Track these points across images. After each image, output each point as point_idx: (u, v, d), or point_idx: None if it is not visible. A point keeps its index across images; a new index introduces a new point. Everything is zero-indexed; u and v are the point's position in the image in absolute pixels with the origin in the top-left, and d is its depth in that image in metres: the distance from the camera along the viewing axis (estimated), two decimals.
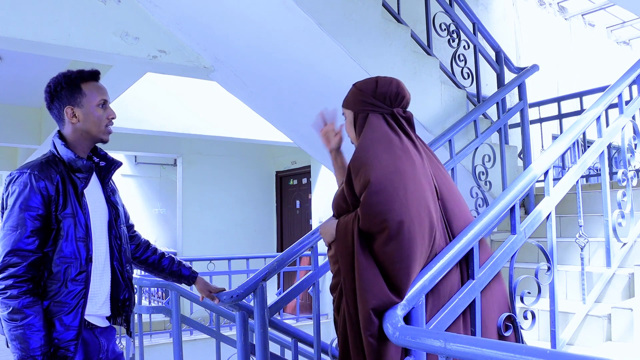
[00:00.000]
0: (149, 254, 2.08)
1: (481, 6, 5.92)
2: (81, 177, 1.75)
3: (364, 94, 1.79)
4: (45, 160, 1.72)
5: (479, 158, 3.20)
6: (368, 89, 1.80)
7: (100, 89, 1.81)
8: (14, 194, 1.64)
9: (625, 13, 7.68)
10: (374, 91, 1.78)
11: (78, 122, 1.77)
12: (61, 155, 1.75)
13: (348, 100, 1.85)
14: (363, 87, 1.81)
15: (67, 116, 1.77)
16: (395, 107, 1.80)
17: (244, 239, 8.98)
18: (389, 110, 1.78)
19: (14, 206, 1.62)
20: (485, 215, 1.87)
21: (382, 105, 1.78)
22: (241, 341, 2.21)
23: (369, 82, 1.83)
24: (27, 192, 1.63)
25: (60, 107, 1.78)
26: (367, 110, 1.78)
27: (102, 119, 1.79)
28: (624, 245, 2.74)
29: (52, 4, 3.10)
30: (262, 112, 4.18)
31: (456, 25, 3.41)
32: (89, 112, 1.77)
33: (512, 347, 1.17)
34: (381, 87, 1.79)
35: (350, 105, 1.83)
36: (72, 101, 1.76)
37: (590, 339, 2.41)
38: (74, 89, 1.77)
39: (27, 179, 1.64)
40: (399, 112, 1.80)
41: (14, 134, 7.24)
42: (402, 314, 1.45)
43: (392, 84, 1.80)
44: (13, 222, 1.61)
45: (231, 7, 2.87)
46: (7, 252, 1.59)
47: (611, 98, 2.68)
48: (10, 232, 1.61)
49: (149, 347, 5.24)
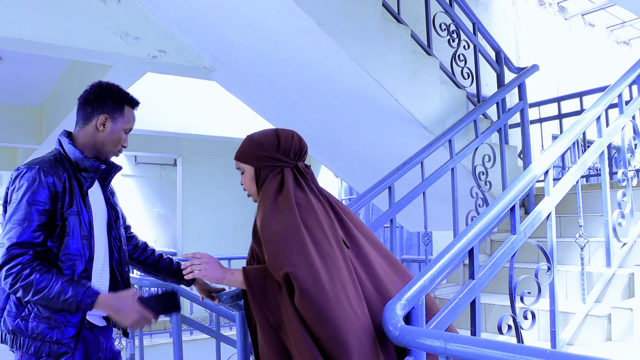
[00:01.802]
0: (147, 255, 2.09)
1: (481, 6, 5.92)
2: (86, 177, 1.78)
3: (266, 148, 1.69)
4: (53, 158, 1.75)
5: (479, 158, 3.20)
6: (270, 143, 1.69)
7: (134, 119, 1.91)
8: (22, 188, 1.65)
9: (625, 13, 7.68)
10: (277, 146, 1.69)
11: (102, 132, 1.82)
12: (68, 154, 1.78)
13: (246, 154, 1.73)
14: (264, 142, 1.70)
15: (98, 122, 1.82)
16: (298, 160, 1.72)
17: (244, 239, 8.95)
18: (292, 164, 1.70)
19: (22, 200, 1.63)
20: (485, 216, 1.87)
21: (286, 160, 1.69)
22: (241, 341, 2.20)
23: (269, 136, 1.71)
24: (35, 187, 1.64)
25: (96, 110, 1.83)
26: (270, 165, 1.69)
27: (120, 142, 1.86)
28: (624, 245, 2.74)
29: (52, 4, 3.10)
30: (262, 112, 4.19)
31: (456, 25, 3.41)
32: (116, 130, 1.84)
33: (512, 347, 1.17)
34: (284, 141, 1.70)
35: (249, 160, 1.72)
36: (111, 113, 1.83)
37: (590, 339, 2.41)
38: (119, 106, 1.85)
39: (36, 174, 1.66)
40: (302, 166, 1.72)
41: (14, 134, 7.24)
42: (402, 314, 1.45)
43: (294, 138, 1.72)
44: (20, 216, 1.62)
45: (231, 7, 2.87)
46: (13, 244, 1.60)
47: (611, 98, 2.68)
48: (17, 225, 1.62)
49: (149, 347, 5.24)
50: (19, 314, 1.66)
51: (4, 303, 1.68)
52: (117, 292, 1.76)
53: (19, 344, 1.66)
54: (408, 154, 2.83)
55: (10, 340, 1.66)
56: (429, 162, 2.83)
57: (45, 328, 1.65)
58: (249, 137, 1.75)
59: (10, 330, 1.66)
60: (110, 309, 1.68)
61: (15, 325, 1.65)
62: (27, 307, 1.66)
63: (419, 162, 2.76)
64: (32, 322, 1.65)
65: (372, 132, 3.57)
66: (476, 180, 3.14)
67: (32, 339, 1.65)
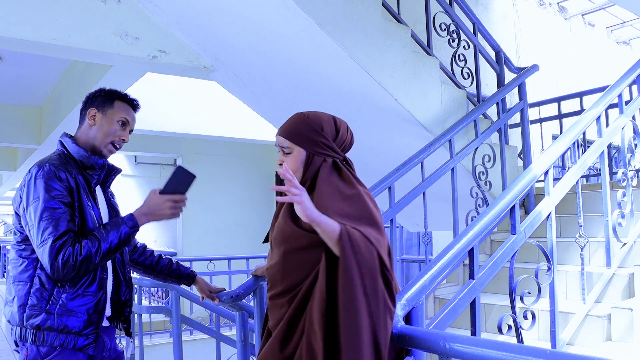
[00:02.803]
0: (146, 256, 2.09)
1: (481, 6, 5.92)
2: (92, 174, 1.81)
3: (325, 135, 1.53)
4: (57, 157, 1.77)
5: (479, 158, 3.20)
6: (329, 130, 1.54)
7: (128, 111, 1.89)
8: (41, 186, 1.66)
9: (625, 13, 7.68)
10: (336, 135, 1.55)
11: (94, 125, 1.83)
12: (72, 154, 1.80)
13: (301, 135, 1.53)
14: (325, 127, 1.53)
15: (88, 116, 1.84)
16: (345, 153, 1.60)
17: (244, 239, 8.98)
18: (341, 157, 1.57)
19: (46, 195, 1.65)
20: (485, 216, 1.87)
21: (338, 152, 1.55)
22: (241, 341, 2.20)
23: (329, 123, 1.55)
24: (53, 182, 1.67)
25: (88, 108, 1.85)
26: (324, 154, 1.53)
27: (114, 134, 1.84)
28: (624, 245, 2.74)
29: (52, 4, 3.10)
30: (262, 112, 4.19)
31: (456, 25, 3.41)
32: (107, 121, 1.83)
33: (512, 347, 1.17)
34: (342, 132, 1.56)
35: (303, 141, 1.53)
36: (99, 106, 1.85)
37: (590, 339, 2.41)
38: (108, 99, 1.86)
39: (49, 169, 1.68)
40: (349, 159, 1.60)
41: (14, 134, 7.24)
42: (402, 314, 1.45)
43: (349, 131, 1.60)
44: (51, 210, 1.64)
45: (231, 8, 2.87)
46: (56, 237, 1.61)
47: (611, 98, 2.68)
48: (53, 219, 1.63)
49: (149, 347, 5.24)
50: (43, 308, 1.67)
51: (25, 298, 1.68)
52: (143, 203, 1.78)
53: (42, 339, 1.66)
54: (408, 154, 2.83)
55: (32, 335, 1.66)
56: (429, 162, 2.83)
57: (71, 320, 1.68)
58: (305, 117, 1.56)
59: (35, 325, 1.66)
60: (148, 217, 1.75)
61: (41, 320, 1.66)
62: (50, 300, 1.67)
63: (419, 162, 2.76)
64: (58, 314, 1.67)
65: (372, 132, 3.57)
66: (476, 180, 3.13)
67: (58, 332, 1.67)
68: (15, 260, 1.73)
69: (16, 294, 1.69)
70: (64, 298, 1.68)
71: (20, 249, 1.72)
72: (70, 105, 5.45)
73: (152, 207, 1.75)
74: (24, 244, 1.71)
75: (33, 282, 1.67)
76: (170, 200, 1.75)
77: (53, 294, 1.67)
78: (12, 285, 1.72)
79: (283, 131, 1.57)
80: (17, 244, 1.73)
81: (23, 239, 1.71)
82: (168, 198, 1.75)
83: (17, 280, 1.70)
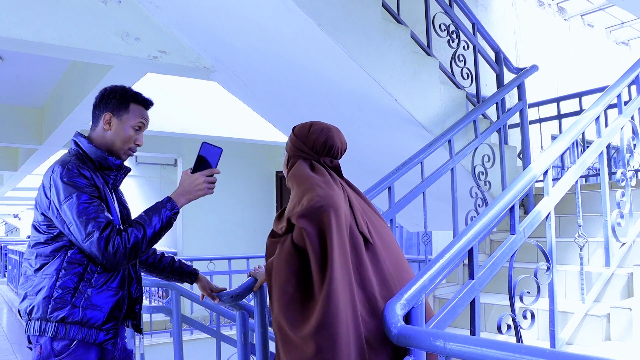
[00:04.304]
0: (148, 254, 2.10)
1: (480, 7, 5.93)
2: (109, 174, 1.84)
3: (297, 139, 1.79)
4: (75, 157, 1.78)
5: (478, 158, 3.20)
6: (301, 133, 1.79)
7: (143, 113, 1.91)
8: (71, 185, 1.68)
9: (624, 14, 7.69)
10: (305, 137, 1.77)
11: (109, 130, 1.85)
12: (89, 154, 1.81)
13: (287, 141, 1.85)
14: (297, 132, 1.80)
15: (103, 121, 1.84)
16: (323, 156, 1.77)
17: (244, 239, 8.98)
18: (315, 158, 1.77)
19: (78, 193, 1.67)
20: (485, 215, 1.88)
21: (310, 153, 1.76)
22: (241, 341, 2.21)
23: (303, 127, 1.81)
24: (80, 180, 1.69)
25: (102, 111, 1.85)
26: (297, 155, 1.78)
27: (130, 139, 1.87)
28: (623, 245, 2.75)
29: (52, 5, 3.11)
30: (262, 112, 4.19)
31: (456, 26, 3.42)
32: (123, 127, 1.85)
33: (512, 347, 1.17)
34: (312, 133, 1.77)
35: (288, 146, 1.84)
36: (114, 111, 1.85)
37: (589, 339, 2.42)
38: (122, 103, 1.86)
39: (74, 168, 1.71)
40: (326, 161, 1.78)
41: (15, 134, 7.25)
42: (402, 314, 1.46)
43: (321, 133, 1.77)
44: (89, 205, 1.66)
45: (231, 8, 2.88)
46: (101, 229, 1.64)
47: (610, 98, 2.69)
48: (94, 213, 1.66)
49: (150, 346, 5.25)
50: (69, 301, 1.68)
51: (50, 291, 1.69)
52: (179, 184, 1.83)
53: (65, 332, 1.67)
54: (408, 154, 2.84)
55: (54, 329, 1.67)
56: (429, 162, 2.84)
57: (95, 314, 1.70)
58: (293, 127, 1.84)
59: (60, 317, 1.67)
60: (186, 197, 1.79)
61: (67, 312, 1.67)
62: (76, 294, 1.69)
63: (418, 162, 2.77)
64: (83, 307, 1.69)
65: (371, 132, 3.57)
66: (476, 180, 3.14)
67: (81, 325, 1.68)
68: (38, 256, 1.73)
69: (41, 286, 1.70)
70: (89, 292, 1.70)
71: (44, 246, 1.73)
72: (71, 105, 5.46)
73: (187, 186, 1.79)
74: (51, 241, 1.72)
75: (59, 275, 1.69)
76: (203, 175, 1.81)
77: (79, 288, 1.69)
78: (35, 278, 1.72)
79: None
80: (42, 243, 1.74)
81: (51, 237, 1.72)
82: (201, 174, 1.80)
83: (42, 273, 1.71)
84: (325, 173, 1.72)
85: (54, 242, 1.72)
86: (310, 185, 1.65)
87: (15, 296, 9.81)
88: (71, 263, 1.69)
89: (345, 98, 3.32)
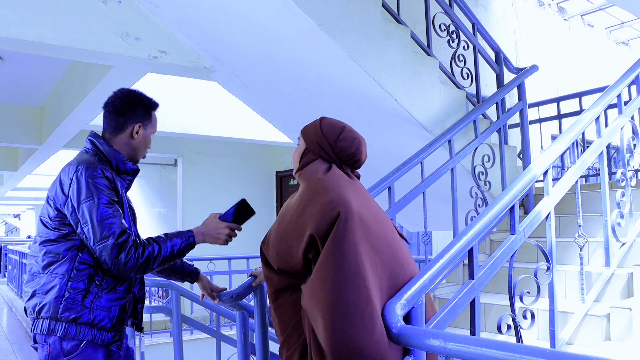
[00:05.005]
0: None
1: (480, 7, 5.93)
2: (125, 178, 1.87)
3: (324, 139, 1.69)
4: (97, 158, 1.80)
5: (478, 158, 3.20)
6: (330, 135, 1.69)
7: (157, 121, 1.99)
8: (93, 186, 1.69)
9: (624, 14, 7.69)
10: (334, 141, 1.68)
11: (136, 139, 1.90)
12: (108, 157, 1.83)
13: (308, 131, 1.74)
14: (326, 132, 1.70)
15: (133, 131, 1.89)
16: (345, 164, 1.71)
17: (244, 239, 8.90)
18: (337, 163, 1.70)
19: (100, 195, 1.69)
20: (485, 215, 1.88)
21: (333, 158, 1.69)
22: (241, 341, 2.21)
23: (335, 128, 1.71)
24: (103, 182, 1.72)
25: (129, 120, 1.88)
26: (318, 153, 1.69)
27: (148, 146, 1.96)
28: (623, 245, 2.75)
29: (52, 5, 3.11)
30: (262, 112, 4.19)
31: (456, 26, 3.42)
32: (147, 136, 1.94)
33: (512, 347, 1.17)
34: (341, 140, 1.69)
35: (307, 138, 1.73)
36: (143, 121, 1.91)
37: (589, 339, 2.42)
38: (148, 112, 1.93)
39: (98, 169, 1.73)
40: (347, 171, 1.72)
41: (15, 134, 7.25)
42: (402, 314, 1.46)
43: (352, 144, 1.69)
44: (106, 210, 1.68)
45: (231, 8, 2.88)
46: (117, 235, 1.67)
47: (610, 98, 2.69)
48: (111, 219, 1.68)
49: (150, 346, 5.25)
50: (79, 301, 1.69)
51: (62, 290, 1.69)
52: (202, 223, 1.94)
53: (75, 332, 1.68)
54: (408, 154, 2.84)
55: (64, 328, 1.67)
56: (429, 162, 2.84)
57: (104, 315, 1.72)
58: (320, 120, 1.75)
59: (71, 318, 1.68)
60: (204, 237, 1.86)
61: (78, 312, 1.68)
62: (87, 296, 1.70)
63: (418, 162, 2.77)
64: (93, 309, 1.70)
65: (371, 132, 3.57)
66: (476, 180, 3.14)
67: (91, 325, 1.69)
68: (47, 253, 1.73)
69: (51, 285, 1.70)
70: (99, 294, 1.72)
71: (55, 244, 1.73)
72: (71, 105, 5.46)
73: (210, 228, 1.88)
74: (62, 240, 1.73)
75: (70, 275, 1.70)
76: (228, 227, 1.88)
77: (89, 289, 1.71)
78: (44, 276, 1.72)
79: (303, 128, 1.79)
80: (53, 240, 1.74)
81: (61, 235, 1.72)
82: (227, 225, 1.88)
83: (52, 272, 1.71)
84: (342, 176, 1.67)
85: (66, 241, 1.72)
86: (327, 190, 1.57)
87: (15, 296, 9.80)
88: (83, 264, 1.71)
89: (345, 98, 3.32)
